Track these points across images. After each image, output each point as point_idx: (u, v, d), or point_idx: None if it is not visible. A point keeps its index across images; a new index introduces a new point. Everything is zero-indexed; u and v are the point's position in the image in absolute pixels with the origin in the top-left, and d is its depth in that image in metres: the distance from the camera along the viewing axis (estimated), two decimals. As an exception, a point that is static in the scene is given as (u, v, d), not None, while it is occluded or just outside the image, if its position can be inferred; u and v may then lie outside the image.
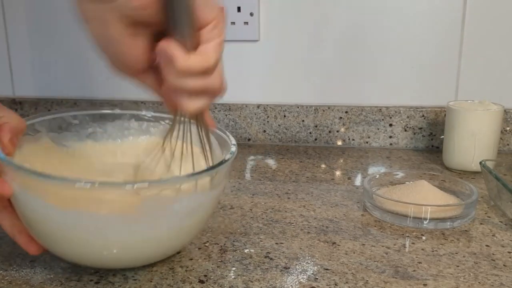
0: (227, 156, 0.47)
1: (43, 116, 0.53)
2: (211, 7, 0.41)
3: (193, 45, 0.40)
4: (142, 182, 0.40)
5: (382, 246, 0.53)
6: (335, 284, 0.46)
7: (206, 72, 0.40)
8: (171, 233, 0.46)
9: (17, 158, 0.47)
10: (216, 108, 0.95)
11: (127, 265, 0.48)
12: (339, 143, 0.92)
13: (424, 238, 0.55)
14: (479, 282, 0.46)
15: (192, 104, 0.42)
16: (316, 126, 0.92)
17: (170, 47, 0.39)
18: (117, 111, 0.58)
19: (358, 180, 0.74)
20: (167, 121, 0.58)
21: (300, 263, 0.49)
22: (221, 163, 0.45)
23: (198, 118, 0.46)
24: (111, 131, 0.58)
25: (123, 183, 0.41)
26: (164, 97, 0.44)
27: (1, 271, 0.48)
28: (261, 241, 0.54)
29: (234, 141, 0.51)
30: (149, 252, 0.46)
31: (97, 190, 0.40)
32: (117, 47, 0.40)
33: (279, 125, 0.94)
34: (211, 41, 0.40)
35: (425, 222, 0.57)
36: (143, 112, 0.58)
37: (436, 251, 0.52)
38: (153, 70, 0.43)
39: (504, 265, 0.49)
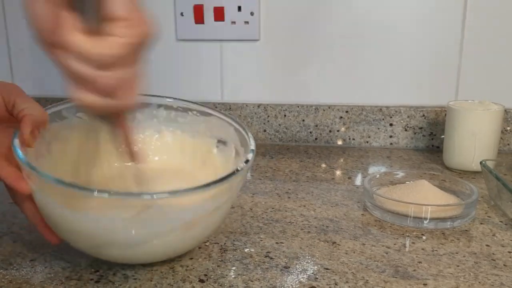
0: (240, 166, 0.46)
1: (71, 102, 0.51)
2: (125, 4, 0.39)
3: (95, 33, 0.38)
4: (161, 193, 0.40)
5: (382, 246, 0.53)
6: (335, 284, 0.46)
7: (94, 61, 0.38)
8: (184, 236, 0.46)
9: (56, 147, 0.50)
10: (216, 107, 0.95)
11: (143, 261, 0.48)
12: (340, 142, 0.92)
13: (424, 237, 0.55)
14: (479, 282, 0.46)
15: (79, 95, 0.40)
16: (316, 126, 0.92)
17: (65, 21, 0.37)
18: (147, 98, 0.56)
19: (358, 180, 0.74)
20: (195, 112, 0.57)
21: (300, 263, 0.49)
22: (234, 172, 0.45)
23: (111, 121, 0.44)
24: (139, 118, 0.57)
25: (140, 193, 0.41)
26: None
27: (2, 270, 0.48)
28: (261, 240, 0.54)
29: (253, 145, 0.50)
30: (163, 251, 0.46)
31: (114, 200, 0.40)
32: (27, 12, 0.38)
33: (279, 125, 0.94)
34: (114, 37, 0.38)
35: (425, 222, 0.57)
36: (172, 101, 0.57)
37: (436, 250, 0.52)
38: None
39: (504, 265, 0.49)
